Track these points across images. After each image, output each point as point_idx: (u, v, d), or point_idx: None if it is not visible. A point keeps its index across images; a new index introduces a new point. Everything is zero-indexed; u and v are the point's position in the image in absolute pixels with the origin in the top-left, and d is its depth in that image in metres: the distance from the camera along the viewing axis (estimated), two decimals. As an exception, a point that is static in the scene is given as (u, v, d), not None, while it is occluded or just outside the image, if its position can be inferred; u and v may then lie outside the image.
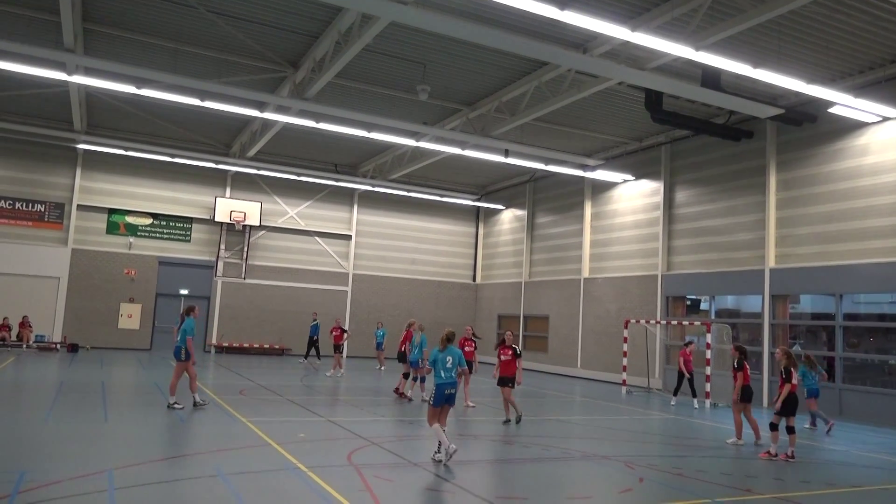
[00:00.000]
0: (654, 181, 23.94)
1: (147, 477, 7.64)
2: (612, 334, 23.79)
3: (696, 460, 10.68)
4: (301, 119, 20.51)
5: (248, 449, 9.63)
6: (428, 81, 18.71)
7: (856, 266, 17.23)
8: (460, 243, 34.64)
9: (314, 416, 13.01)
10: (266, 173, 28.73)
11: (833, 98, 15.67)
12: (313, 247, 31.23)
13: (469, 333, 16.49)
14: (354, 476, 8.25)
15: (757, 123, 19.67)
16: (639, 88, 18.39)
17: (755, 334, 20.06)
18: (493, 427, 13.49)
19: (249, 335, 29.41)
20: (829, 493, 8.72)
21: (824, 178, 18.28)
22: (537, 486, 8.53)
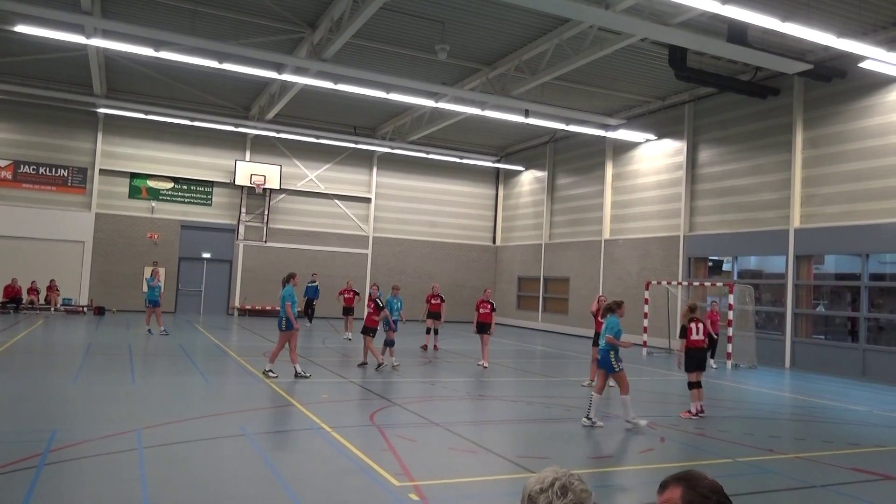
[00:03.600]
0: (676, 140, 23.54)
1: (174, 436, 7.80)
2: (633, 296, 23.66)
3: (718, 421, 10.68)
4: (319, 80, 20.34)
5: (273, 409, 9.79)
6: (447, 40, 18.41)
7: (883, 225, 16.90)
8: (480, 205, 34.48)
9: (336, 377, 13.17)
10: (285, 136, 28.68)
11: (864, 52, 15.18)
12: (333, 210, 31.28)
13: (487, 296, 16.52)
14: (377, 436, 8.37)
15: (784, 80, 19.17)
16: (662, 45, 17.95)
17: (778, 295, 19.86)
18: (514, 388, 13.59)
19: (272, 298, 29.68)
20: (851, 452, 8.69)
21: (853, 135, 17.84)
22: (558, 446, 8.59)
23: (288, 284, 13.01)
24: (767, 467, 7.77)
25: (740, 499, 6.44)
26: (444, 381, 13.23)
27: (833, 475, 7.49)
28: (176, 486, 6.11)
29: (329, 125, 29.33)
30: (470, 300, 27.59)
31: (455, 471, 7.20)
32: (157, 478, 6.26)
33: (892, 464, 8.15)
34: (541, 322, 30.02)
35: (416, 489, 6.24)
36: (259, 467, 6.89)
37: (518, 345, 22.84)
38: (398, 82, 19.54)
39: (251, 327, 23.91)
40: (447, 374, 14.43)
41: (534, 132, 28.97)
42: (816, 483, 7.13)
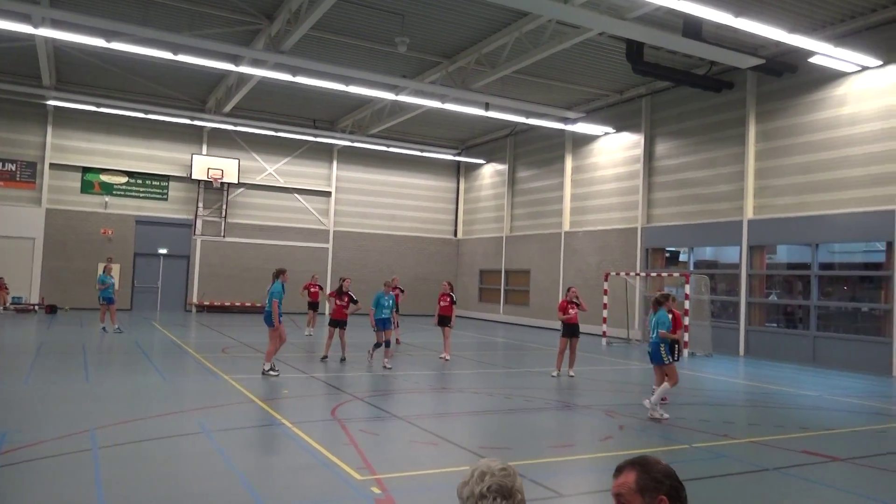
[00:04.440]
0: (634, 134, 23.88)
1: (131, 435, 7.65)
2: (593, 287, 23.99)
3: (676, 408, 10.89)
4: (277, 73, 20.08)
5: (232, 406, 9.68)
6: (407, 33, 18.34)
7: (832, 216, 17.43)
8: (441, 198, 34.51)
9: (297, 372, 13.07)
10: (243, 129, 28.25)
11: (813, 48, 15.63)
12: (293, 204, 30.96)
13: (446, 289, 16.54)
14: (339, 430, 8.33)
15: (737, 74, 19.58)
16: (620, 39, 18.17)
17: (732, 285, 20.34)
18: (476, 380, 13.67)
19: (230, 294, 29.30)
20: (801, 436, 8.96)
21: (802, 128, 18.33)
22: (520, 436, 8.68)
23: (277, 280, 12.77)
24: (722, 452, 7.97)
25: (696, 483, 6.60)
26: (406, 375, 13.24)
27: (784, 458, 7.72)
28: (132, 486, 6.00)
29: (288, 118, 29.00)
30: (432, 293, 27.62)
31: (417, 463, 7.22)
32: (113, 478, 6.14)
33: (839, 446, 8.44)
34: (503, 314, 30.22)
35: (377, 482, 6.25)
36: (218, 464, 6.81)
37: (480, 337, 22.96)
38: (358, 75, 19.41)
39: (210, 324, 23.56)
40: (409, 367, 14.43)
41: (494, 125, 29.07)
42: (768, 466, 7.34)
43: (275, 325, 12.46)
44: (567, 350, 13.74)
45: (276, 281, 12.78)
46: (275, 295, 12.53)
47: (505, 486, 2.09)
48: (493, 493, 2.08)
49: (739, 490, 6.73)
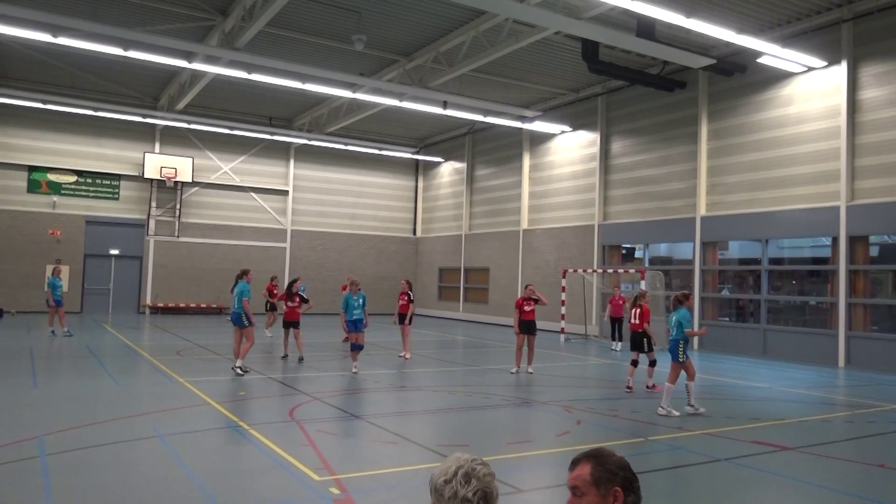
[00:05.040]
0: (590, 132, 24.17)
1: (81, 441, 7.45)
2: (551, 284, 24.23)
3: (632, 402, 11.08)
4: (232, 70, 19.77)
5: (187, 409, 9.50)
6: (364, 31, 18.24)
7: (780, 212, 17.92)
8: (400, 197, 34.43)
9: (255, 374, 12.89)
10: (197, 127, 27.73)
11: (761, 48, 16.04)
12: (249, 203, 30.53)
13: (404, 288, 16.52)
14: (297, 431, 8.25)
15: (690, 74, 19.98)
16: (575, 38, 18.38)
17: (686, 280, 20.76)
18: (435, 378, 13.68)
19: (185, 295, 28.76)
20: (753, 426, 9.20)
21: (752, 127, 18.80)
22: (479, 433, 8.72)
23: (242, 280, 12.98)
24: (677, 444, 8.13)
25: (652, 475, 6.72)
26: (365, 374, 13.17)
27: (736, 448, 7.91)
28: (83, 493, 5.85)
29: (243, 116, 28.58)
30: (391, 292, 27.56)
31: (376, 462, 7.19)
32: (63, 486, 5.97)
33: (789, 435, 8.68)
34: (462, 312, 30.31)
35: (336, 482, 6.20)
36: (172, 469, 6.67)
37: (440, 335, 22.99)
38: (314, 72, 19.23)
39: (164, 326, 23.09)
40: (369, 366, 14.36)
41: (452, 124, 29.12)
42: (721, 457, 7.52)
43: (247, 325, 12.70)
44: (525, 347, 13.85)
45: (241, 281, 12.99)
46: (244, 294, 12.77)
47: (489, 492, 2.10)
48: (478, 498, 2.08)
49: (693, 481, 6.87)
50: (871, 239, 16.74)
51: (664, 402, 9.83)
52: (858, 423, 9.83)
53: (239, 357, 12.70)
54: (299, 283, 15.87)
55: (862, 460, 7.68)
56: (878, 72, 16.16)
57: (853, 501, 6.33)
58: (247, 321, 12.73)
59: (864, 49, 16.42)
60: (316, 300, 28.25)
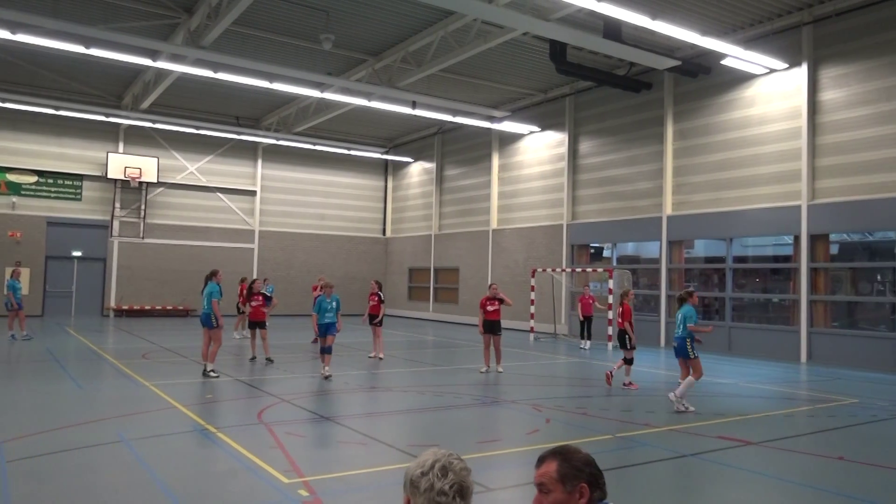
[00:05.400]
0: (558, 132, 24.36)
1: (42, 447, 7.29)
2: (520, 283, 24.38)
3: (600, 399, 11.20)
4: (197, 69, 19.51)
5: (153, 413, 9.35)
6: (332, 30, 18.14)
7: (744, 212, 18.26)
8: (369, 197, 34.31)
9: (223, 376, 12.75)
10: (162, 127, 27.30)
11: (725, 50, 16.33)
12: (216, 203, 30.15)
13: (374, 289, 16.48)
14: (265, 434, 8.18)
15: (656, 75, 20.25)
16: (543, 39, 18.51)
17: (654, 279, 21.04)
18: (405, 378, 13.67)
19: (151, 297, 28.31)
20: (718, 422, 9.37)
21: (716, 127, 19.12)
22: (448, 433, 8.73)
23: (212, 281, 12.86)
24: (644, 441, 8.24)
25: (619, 471, 6.80)
26: (335, 375, 13.09)
27: (701, 444, 8.04)
28: (45, 501, 5.72)
29: (210, 115, 28.22)
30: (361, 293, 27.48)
31: (345, 464, 7.16)
32: (24, 494, 5.84)
33: (753, 430, 8.86)
34: (432, 312, 30.32)
35: (305, 485, 6.16)
36: (138, 474, 6.56)
37: (410, 335, 22.97)
38: (282, 72, 19.07)
39: (129, 328, 22.70)
40: (338, 367, 14.28)
41: (422, 124, 29.11)
42: (687, 452, 7.64)
43: (216, 326, 12.60)
44: (492, 346, 13.84)
45: (211, 282, 12.88)
46: (213, 295, 12.68)
47: (465, 486, 2.11)
48: (454, 491, 2.08)
49: (659, 476, 6.97)
50: (831, 237, 17.14)
51: (682, 397, 10.00)
52: (820, 418, 10.06)
53: (209, 360, 12.58)
54: (264, 282, 15.78)
55: (822, 453, 7.86)
56: (837, 74, 16.56)
57: (813, 493, 6.48)
58: (216, 323, 12.61)
59: (823, 52, 16.81)
60: (284, 301, 28.10)
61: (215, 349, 12.70)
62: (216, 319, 12.61)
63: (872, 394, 12.14)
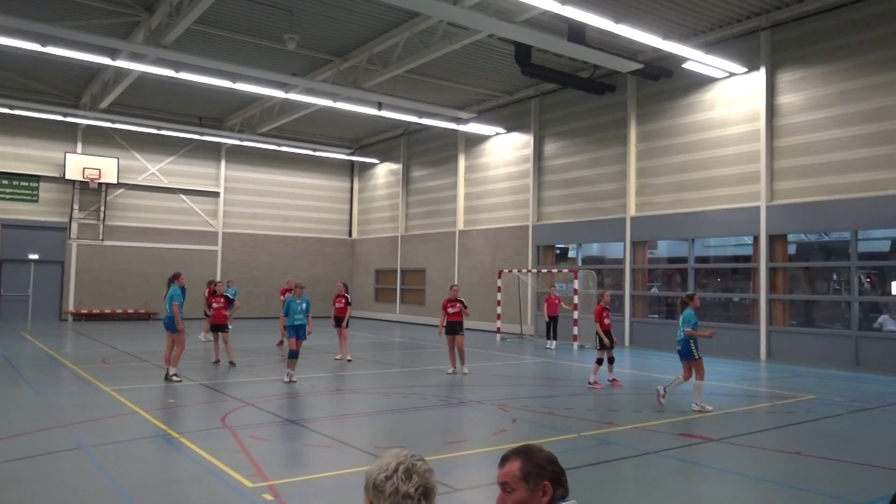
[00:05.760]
0: (524, 134, 24.52)
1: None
2: (487, 284, 24.46)
3: (565, 399, 11.30)
4: (158, 68, 19.18)
5: (114, 418, 9.16)
6: (296, 30, 18.01)
7: (705, 212, 18.59)
8: (335, 198, 34.11)
9: (186, 380, 12.54)
10: (122, 127, 26.77)
11: (686, 54, 16.61)
12: (178, 205, 29.67)
13: (341, 290, 16.38)
14: (229, 438, 8.08)
15: (619, 78, 20.51)
16: (509, 42, 18.62)
17: (618, 279, 21.29)
18: (371, 380, 13.62)
19: (111, 300, 27.73)
20: (680, 420, 9.52)
21: (678, 130, 19.44)
22: (415, 434, 8.73)
23: (174, 284, 12.69)
24: (608, 439, 8.33)
25: (584, 470, 6.87)
26: (300, 378, 12.98)
27: (664, 441, 8.17)
28: (-1, 509, 5.57)
29: (172, 115, 27.76)
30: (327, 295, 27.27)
31: (311, 467, 7.11)
32: (-23, 502, 5.67)
33: (713, 427, 9.02)
34: (399, 314, 30.26)
35: (270, 489, 6.10)
36: (97, 481, 6.43)
37: (376, 337, 22.89)
38: (245, 72, 18.86)
39: (89, 333, 22.20)
40: (304, 370, 14.16)
41: (388, 125, 29.05)
42: (650, 450, 7.75)
43: (178, 330, 12.43)
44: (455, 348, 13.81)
45: (173, 285, 12.72)
46: (175, 298, 12.52)
47: (429, 488, 2.11)
48: (419, 494, 2.08)
49: (623, 474, 7.06)
50: (789, 237, 17.55)
51: (697, 398, 10.25)
52: (778, 414, 10.30)
53: (171, 364, 12.39)
54: (227, 284, 15.65)
55: (781, 449, 8.04)
56: (794, 78, 16.97)
57: (772, 488, 6.62)
58: (178, 326, 12.44)
59: (781, 56, 17.21)
60: (248, 304, 27.82)
61: (178, 353, 12.51)
62: (178, 323, 12.43)
63: (829, 390, 12.47)
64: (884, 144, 15.28)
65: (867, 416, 10.14)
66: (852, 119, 15.81)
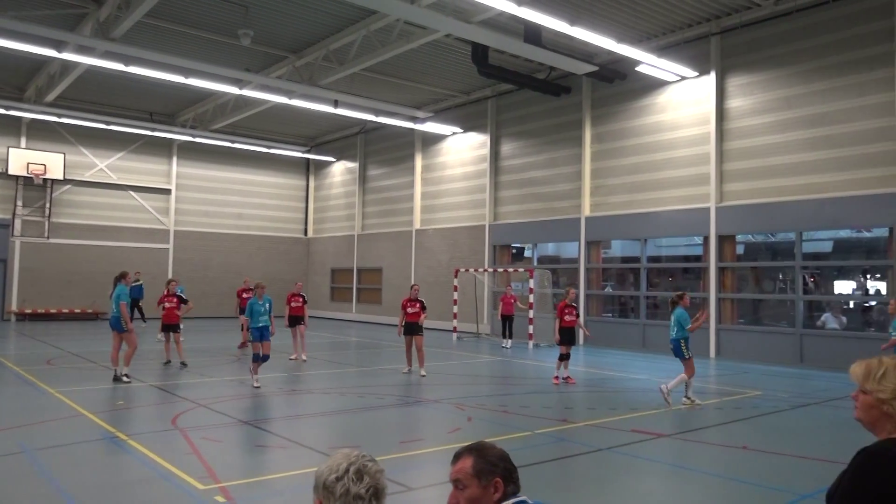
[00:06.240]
0: (481, 134, 24.63)
1: (-66, 460, 6.81)
2: (444, 283, 24.50)
3: (521, 397, 11.40)
4: (107, 61, 18.67)
5: (59, 421, 8.90)
6: (251, 25, 17.74)
7: (657, 213, 18.96)
8: (290, 196, 33.72)
9: (136, 381, 12.25)
10: (69, 121, 25.96)
11: (639, 57, 16.91)
12: (128, 202, 28.94)
13: (298, 290, 16.22)
14: (180, 440, 7.92)
15: (574, 80, 20.75)
16: (466, 42, 18.66)
17: (573, 278, 21.55)
18: (327, 380, 13.52)
19: (57, 300, 26.90)
20: (632, 416, 9.70)
21: (631, 132, 19.78)
22: (371, 434, 8.69)
23: (120, 283, 12.38)
24: (562, 436, 8.44)
25: (538, 466, 6.94)
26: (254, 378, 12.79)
27: (616, 438, 8.30)
28: (-65, 517, 5.36)
29: (121, 110, 27.03)
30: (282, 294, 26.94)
31: (264, 468, 7.02)
32: (-89, 510, 5.45)
33: (665, 423, 9.22)
34: (355, 313, 30.09)
35: (222, 491, 6.00)
36: (41, 486, 6.23)
37: (332, 336, 22.72)
38: (198, 67, 18.49)
39: (33, 333, 21.50)
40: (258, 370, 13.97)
41: (344, 123, 28.84)
42: (602, 446, 7.87)
43: (126, 330, 12.18)
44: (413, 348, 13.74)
45: (119, 284, 12.43)
46: (121, 298, 12.23)
47: (380, 488, 2.10)
48: (370, 495, 2.07)
49: (576, 470, 7.15)
50: (737, 238, 18.01)
51: (687, 392, 10.60)
52: (726, 410, 10.57)
53: (124, 365, 12.12)
54: (174, 284, 15.43)
55: (728, 443, 8.25)
56: (743, 83, 17.42)
57: (719, 481, 6.80)
58: (125, 326, 12.17)
59: (730, 61, 17.66)
60: (202, 303, 27.28)
61: (130, 352, 12.24)
62: (125, 323, 12.16)
63: (775, 386, 12.85)
64: (826, 149, 15.81)
65: (810, 411, 10.48)
66: (797, 123, 16.32)
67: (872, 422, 2.07)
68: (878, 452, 1.93)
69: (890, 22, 14.80)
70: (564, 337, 12.98)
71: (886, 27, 14.89)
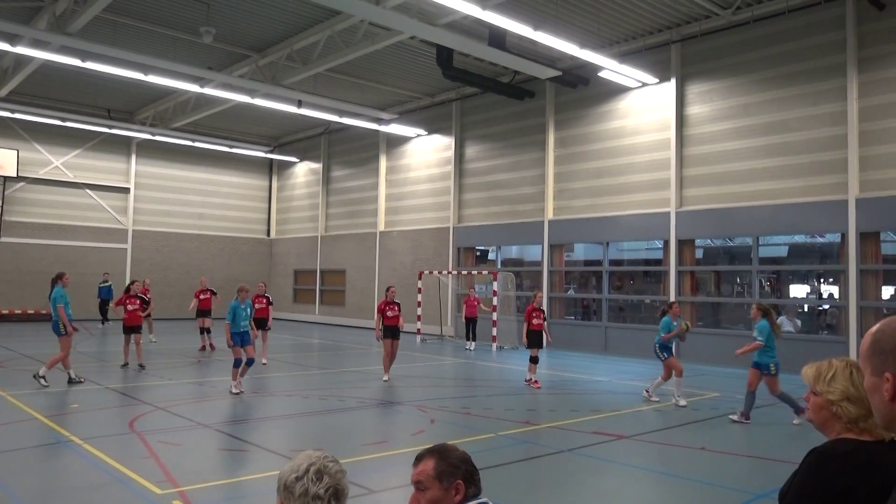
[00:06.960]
0: (445, 136, 24.67)
1: None
2: (408, 285, 24.45)
3: (484, 399, 11.44)
4: (63, 56, 18.19)
5: (10, 425, 8.64)
6: (213, 23, 17.48)
7: (619, 217, 19.22)
8: (253, 197, 33.31)
9: (91, 384, 11.97)
10: (23, 117, 25.22)
11: (601, 63, 17.11)
12: (85, 201, 28.26)
13: (262, 290, 16.00)
14: (137, 443, 7.76)
15: (538, 84, 20.92)
16: (431, 44, 18.66)
17: (536, 281, 21.72)
18: (290, 383, 13.39)
19: (9, 300, 26.13)
20: (594, 418, 9.81)
21: (594, 136, 20.02)
22: (333, 436, 8.64)
23: (57, 285, 11.93)
24: (524, 438, 8.49)
25: (500, 468, 6.98)
26: (214, 381, 12.62)
27: (578, 439, 8.39)
28: None
29: (78, 107, 26.39)
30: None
31: (224, 472, 6.92)
32: None
33: (625, 425, 9.34)
34: (318, 315, 29.85)
35: (180, 495, 5.90)
36: (-10, 492, 6.05)
37: (295, 338, 22.51)
38: (158, 64, 18.12)
39: (-17, 335, 20.83)
40: (219, 373, 13.77)
41: (308, 123, 28.61)
42: (564, 448, 7.94)
43: (63, 333, 11.77)
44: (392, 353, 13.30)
45: (57, 286, 12.02)
46: (59, 300, 11.81)
47: (340, 488, 2.09)
48: (329, 495, 2.06)
49: (538, 472, 7.21)
50: (696, 242, 18.36)
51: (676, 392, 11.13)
52: (686, 411, 10.75)
53: (46, 367, 11.65)
54: (136, 284, 15.08)
55: (687, 444, 8.40)
56: (702, 90, 17.78)
57: (679, 482, 6.92)
58: (63, 329, 11.72)
59: (690, 69, 18.00)
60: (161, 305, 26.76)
61: (58, 357, 11.76)
62: (64, 326, 11.71)
63: (732, 388, 13.12)
64: (782, 155, 16.21)
65: (766, 413, 10.73)
66: (754, 131, 16.71)
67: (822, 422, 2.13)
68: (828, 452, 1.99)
69: (842, 33, 15.26)
70: (532, 340, 13.02)
71: (839, 39, 15.34)
